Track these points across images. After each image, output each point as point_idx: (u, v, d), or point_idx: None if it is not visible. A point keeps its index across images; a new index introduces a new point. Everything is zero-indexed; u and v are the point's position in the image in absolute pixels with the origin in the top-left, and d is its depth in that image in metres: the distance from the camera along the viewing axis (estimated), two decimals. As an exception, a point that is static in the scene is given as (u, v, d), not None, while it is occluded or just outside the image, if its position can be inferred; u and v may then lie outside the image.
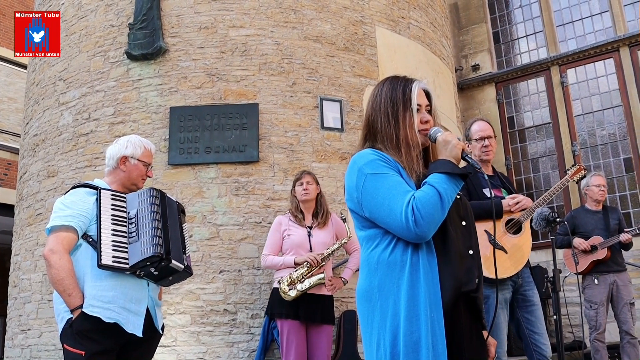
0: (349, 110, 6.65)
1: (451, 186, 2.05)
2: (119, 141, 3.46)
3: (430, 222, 1.99)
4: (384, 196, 2.06)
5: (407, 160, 2.16)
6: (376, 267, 2.10)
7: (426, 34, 8.01)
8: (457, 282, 2.05)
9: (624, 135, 8.75)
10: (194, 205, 6.03)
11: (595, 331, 6.07)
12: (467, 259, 2.13)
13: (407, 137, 2.18)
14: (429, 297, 1.99)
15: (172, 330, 5.70)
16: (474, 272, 2.13)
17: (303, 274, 4.89)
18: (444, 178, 2.05)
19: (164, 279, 3.27)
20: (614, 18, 9.17)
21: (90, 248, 3.09)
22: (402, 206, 2.00)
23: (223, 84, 6.38)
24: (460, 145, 2.12)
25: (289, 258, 4.99)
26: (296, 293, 4.84)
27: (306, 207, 5.18)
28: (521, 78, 9.80)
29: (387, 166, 2.12)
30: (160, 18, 6.59)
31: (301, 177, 5.20)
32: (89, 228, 3.12)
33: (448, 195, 2.03)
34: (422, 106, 2.24)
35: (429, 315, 1.97)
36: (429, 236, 2.03)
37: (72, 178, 6.47)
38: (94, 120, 6.61)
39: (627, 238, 6.04)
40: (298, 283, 4.87)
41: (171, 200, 3.44)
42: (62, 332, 3.05)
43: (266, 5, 6.66)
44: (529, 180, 9.39)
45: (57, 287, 2.99)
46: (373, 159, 2.14)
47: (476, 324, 2.17)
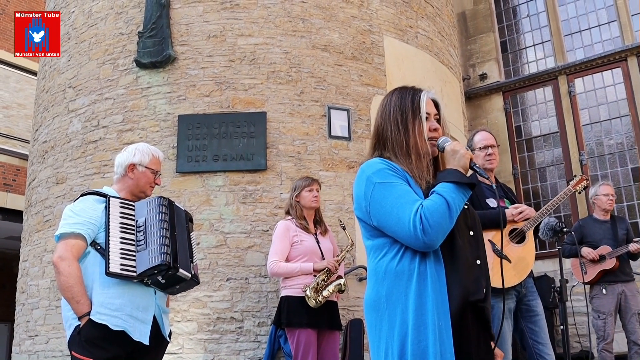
0: (356, 119, 6.66)
1: (459, 195, 2.06)
2: (127, 149, 3.49)
3: (439, 231, 2.00)
4: (392, 205, 2.07)
5: (417, 167, 2.18)
6: (384, 276, 2.10)
7: (434, 43, 8.03)
8: (464, 291, 2.06)
9: (631, 144, 8.73)
10: (201, 213, 6.04)
11: (603, 341, 6.05)
12: (474, 268, 2.14)
13: (417, 145, 2.19)
14: (437, 306, 2.00)
15: (179, 338, 5.71)
16: (482, 281, 2.14)
17: (324, 281, 4.86)
18: (452, 187, 2.07)
19: (171, 287, 3.28)
20: (621, 28, 9.16)
21: (99, 256, 3.11)
22: (411, 215, 2.01)
23: (231, 92, 6.40)
24: (468, 154, 2.14)
25: (307, 265, 4.88)
26: (322, 299, 4.80)
27: (309, 214, 5.13)
28: (529, 87, 9.80)
29: (395, 175, 2.13)
30: (169, 26, 6.63)
31: (311, 184, 5.13)
32: (98, 236, 3.13)
33: (456, 204, 2.04)
34: (430, 115, 2.26)
35: (437, 324, 1.98)
36: (437, 245, 2.04)
37: (80, 185, 6.50)
38: (103, 127, 6.64)
39: (635, 248, 6.03)
40: (322, 290, 4.85)
41: (179, 209, 3.46)
42: (69, 339, 3.07)
43: (275, 14, 6.70)
44: (536, 190, 9.37)
45: (65, 294, 3.00)
46: (381, 168, 2.15)
47: (484, 334, 2.17)
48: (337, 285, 4.87)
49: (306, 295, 4.79)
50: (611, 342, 6.05)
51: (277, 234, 5.06)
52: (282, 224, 5.10)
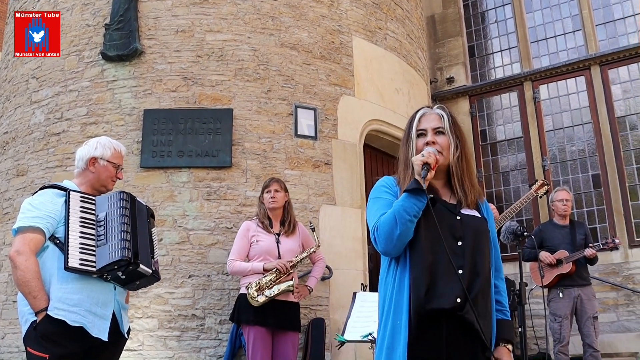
0: (323, 119, 6.67)
1: (409, 202, 2.22)
2: (88, 142, 3.45)
3: (387, 239, 2.24)
4: (370, 217, 2.38)
5: (403, 180, 2.35)
6: (382, 277, 2.42)
7: (403, 45, 8.09)
8: (415, 296, 2.21)
9: (592, 152, 8.89)
10: (165, 208, 6.00)
11: (559, 344, 6.15)
12: (449, 276, 2.22)
13: (407, 160, 2.38)
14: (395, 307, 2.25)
15: (139, 334, 5.66)
16: (456, 290, 2.20)
17: (272, 280, 4.90)
18: (403, 196, 2.25)
19: (131, 283, 3.26)
20: (586, 37, 9.32)
21: (58, 250, 3.07)
22: (372, 227, 2.32)
23: (198, 88, 6.37)
24: (418, 161, 2.26)
25: (258, 264, 4.99)
26: (264, 299, 4.86)
27: (274, 214, 5.23)
28: (494, 92, 9.90)
29: (387, 191, 2.41)
30: (137, 20, 6.56)
31: (269, 185, 5.24)
32: (57, 230, 3.09)
33: (404, 211, 2.22)
34: (427, 130, 2.41)
35: (395, 323, 2.23)
36: (391, 250, 2.27)
37: (42, 178, 6.40)
38: (67, 120, 6.55)
39: (591, 253, 6.14)
40: (266, 289, 4.89)
41: (141, 204, 3.44)
42: (25, 335, 3.02)
43: (244, 11, 6.67)
44: (499, 193, 9.49)
45: (22, 288, 2.96)
46: (379, 185, 2.46)
47: (471, 343, 2.23)
48: (287, 286, 4.90)
49: (247, 294, 4.88)
50: (567, 345, 6.17)
51: (237, 234, 5.24)
52: (243, 224, 5.28)
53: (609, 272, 8.02)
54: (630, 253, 8.08)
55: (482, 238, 2.35)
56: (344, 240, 6.45)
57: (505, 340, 2.38)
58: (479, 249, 2.32)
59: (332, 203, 6.48)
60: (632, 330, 7.66)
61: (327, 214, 6.40)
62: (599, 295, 7.28)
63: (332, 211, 6.45)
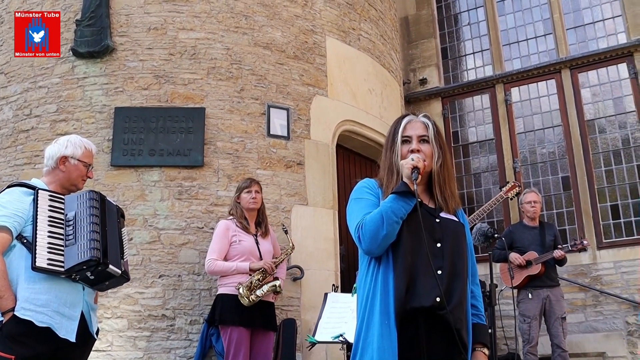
0: (295, 119, 6.67)
1: (397, 204, 2.26)
2: (58, 141, 3.41)
3: (372, 238, 2.26)
4: (352, 217, 2.41)
5: (391, 184, 2.39)
6: (361, 278, 2.42)
7: (376, 46, 8.11)
8: (397, 295, 2.23)
9: (562, 154, 9.00)
10: (135, 208, 5.94)
11: (528, 344, 6.23)
12: (428, 277, 2.25)
13: (392, 165, 2.43)
14: (383, 307, 2.24)
15: (108, 335, 5.60)
16: (436, 290, 2.23)
17: (259, 280, 4.92)
18: (392, 197, 2.28)
19: (101, 283, 3.23)
20: (557, 40, 9.43)
21: (25, 249, 3.03)
22: (356, 225, 2.33)
23: (170, 86, 6.31)
24: (408, 164, 2.30)
25: (243, 264, 4.99)
26: (256, 298, 4.89)
27: (250, 215, 5.26)
28: (467, 94, 9.97)
29: (368, 192, 2.45)
30: (108, 16, 6.48)
31: (250, 186, 5.27)
32: (25, 229, 3.06)
33: (391, 212, 2.25)
34: (412, 137, 2.44)
35: (384, 322, 2.22)
36: (375, 250, 2.29)
37: (9, 175, 6.30)
38: (36, 116, 6.45)
39: (560, 254, 6.23)
40: (256, 289, 4.89)
41: (111, 204, 3.41)
42: (-9, 336, 2.97)
43: (217, 9, 6.63)
44: (470, 195, 9.56)
45: (-13, 289, 2.91)
46: (360, 187, 2.50)
47: (449, 345, 2.24)
48: (272, 287, 4.97)
49: (239, 294, 4.86)
50: (536, 345, 6.25)
51: (216, 233, 5.19)
52: (222, 223, 5.24)
53: (577, 273, 8.13)
54: (599, 254, 8.19)
55: (460, 241, 2.40)
56: (316, 240, 6.45)
57: (482, 345, 2.42)
58: (457, 251, 2.36)
59: (304, 203, 6.48)
60: (600, 331, 7.77)
61: (299, 215, 6.40)
62: (567, 296, 7.38)
63: (304, 211, 6.45)
